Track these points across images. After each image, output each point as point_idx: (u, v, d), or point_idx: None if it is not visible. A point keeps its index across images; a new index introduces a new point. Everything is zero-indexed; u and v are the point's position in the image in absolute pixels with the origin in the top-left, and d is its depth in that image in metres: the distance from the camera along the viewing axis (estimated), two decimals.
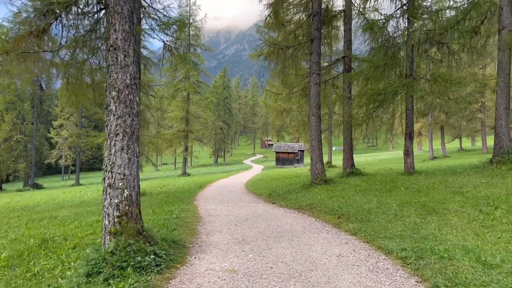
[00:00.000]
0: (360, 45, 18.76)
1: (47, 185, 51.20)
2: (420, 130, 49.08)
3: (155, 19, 18.54)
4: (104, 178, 4.77)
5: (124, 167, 4.62)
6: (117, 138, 4.58)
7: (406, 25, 13.35)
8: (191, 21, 47.49)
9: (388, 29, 13.80)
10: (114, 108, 4.63)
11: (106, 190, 4.78)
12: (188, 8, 47.82)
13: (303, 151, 53.19)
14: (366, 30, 13.18)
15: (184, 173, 44.99)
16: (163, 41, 18.49)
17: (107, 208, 4.77)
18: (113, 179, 4.65)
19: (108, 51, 4.75)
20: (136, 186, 4.85)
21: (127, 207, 4.71)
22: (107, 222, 4.75)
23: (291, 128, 47.08)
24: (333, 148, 75.97)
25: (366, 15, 15.93)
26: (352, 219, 6.90)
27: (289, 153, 52.73)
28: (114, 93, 4.58)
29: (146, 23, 18.57)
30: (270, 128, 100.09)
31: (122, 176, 4.60)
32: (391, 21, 13.59)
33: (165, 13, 18.55)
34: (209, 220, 7.62)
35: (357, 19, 17.04)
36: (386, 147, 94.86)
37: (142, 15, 18.53)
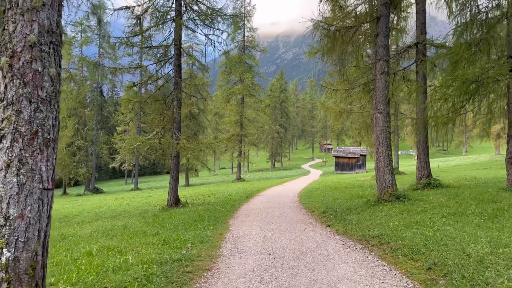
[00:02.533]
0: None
1: (108, 190, 52.41)
2: (498, 132, 43.47)
3: (197, 11, 16.84)
4: None
5: (9, 202, 2.42)
6: None
7: None
8: (245, 22, 46.00)
9: None
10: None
11: None
12: (243, 9, 46.22)
13: (365, 155, 49.17)
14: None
15: (239, 179, 43.31)
16: (205, 35, 16.68)
17: None
18: None
19: None
20: (38, 240, 2.64)
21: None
22: None
23: (352, 131, 43.51)
24: (399, 152, 70.45)
25: None
26: (455, 277, 4.14)
27: (349, 157, 49.00)
28: (3, 60, 2.43)
29: (190, 18, 16.92)
30: (329, 132, 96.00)
31: (1, 221, 2.40)
32: None
33: (208, 4, 16.83)
34: (228, 264, 5.13)
35: None
36: (458, 151, 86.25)
37: (184, 8, 16.90)
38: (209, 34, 16.28)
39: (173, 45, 16.25)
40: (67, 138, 43.62)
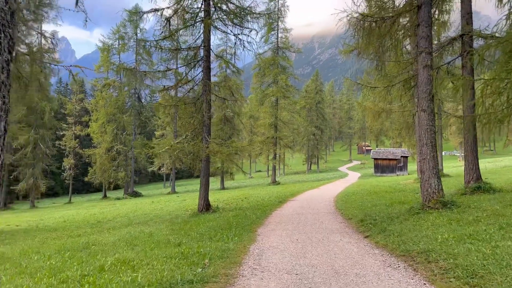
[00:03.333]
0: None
1: (146, 193, 53.39)
2: None
3: (226, 11, 16.41)
4: None
5: None
6: None
7: None
8: (278, 23, 45.35)
9: None
10: None
11: None
12: (276, 9, 45.55)
13: (406, 157, 46.94)
14: None
15: (274, 182, 42.59)
16: (235, 35, 16.22)
17: None
18: None
19: None
20: None
21: None
22: None
23: (392, 132, 41.72)
24: (443, 153, 67.03)
25: None
26: None
27: (389, 159, 46.96)
28: None
29: (218, 18, 16.52)
30: (368, 133, 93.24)
31: None
32: None
33: (237, 3, 16.36)
34: (247, 287, 4.50)
35: None
36: (506, 151, 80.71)
37: (213, 9, 16.53)
38: (238, 34, 15.81)
39: (202, 47, 15.90)
40: (106, 143, 44.73)
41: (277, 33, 45.53)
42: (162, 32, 16.28)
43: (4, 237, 13.63)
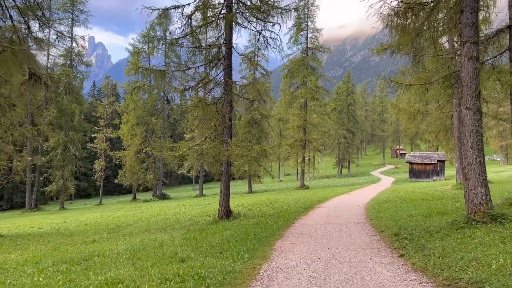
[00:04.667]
0: None
1: (175, 195, 53.42)
2: None
3: (249, 6, 15.57)
4: None
5: None
6: None
7: None
8: (308, 23, 44.15)
9: None
10: None
11: None
12: (305, 9, 44.37)
13: (443, 161, 44.41)
14: None
15: (302, 186, 41.32)
16: (257, 31, 15.34)
17: None
18: None
19: None
20: None
21: None
22: None
23: (428, 135, 39.45)
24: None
25: None
26: None
27: (425, 164, 44.55)
28: None
29: (239, 11, 15.70)
30: (402, 136, 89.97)
31: None
32: None
33: None
34: None
35: None
36: None
37: (235, 6, 15.73)
38: (261, 30, 14.93)
39: (223, 44, 15.13)
40: (135, 146, 45.00)
41: (307, 33, 44.30)
42: (183, 30, 15.70)
43: (20, 241, 13.36)
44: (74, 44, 39.57)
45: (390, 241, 8.18)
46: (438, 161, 44.19)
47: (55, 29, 34.59)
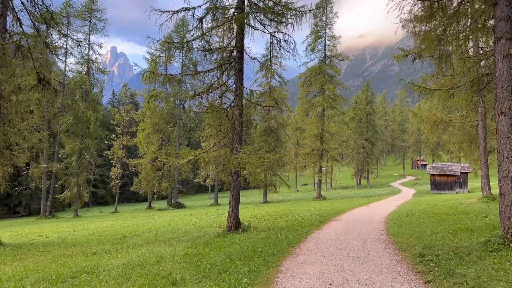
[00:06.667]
0: None
1: (190, 204, 52.94)
2: None
3: (261, 7, 14.90)
4: None
5: None
6: None
7: None
8: (326, 30, 43.34)
9: None
10: None
11: None
12: (324, 17, 43.64)
13: (466, 173, 42.56)
14: None
15: (319, 197, 40.15)
16: (270, 33, 14.64)
17: None
18: None
19: None
20: None
21: None
22: None
23: (451, 145, 37.78)
24: None
25: None
26: None
27: (448, 175, 42.72)
28: None
29: (252, 12, 15.05)
30: (423, 146, 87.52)
31: None
32: None
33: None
34: None
35: None
36: None
37: (248, 9, 15.09)
38: (275, 32, 14.22)
39: (235, 47, 14.48)
40: (151, 153, 44.77)
41: (325, 41, 43.47)
42: (193, 33, 15.19)
43: (20, 252, 12.83)
44: (91, 52, 39.86)
45: (414, 262, 7.20)
46: (461, 172, 42.36)
47: (73, 36, 34.82)
